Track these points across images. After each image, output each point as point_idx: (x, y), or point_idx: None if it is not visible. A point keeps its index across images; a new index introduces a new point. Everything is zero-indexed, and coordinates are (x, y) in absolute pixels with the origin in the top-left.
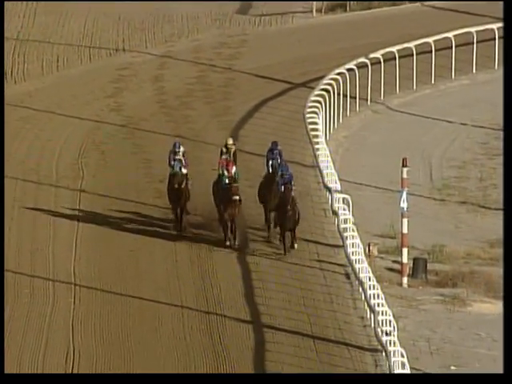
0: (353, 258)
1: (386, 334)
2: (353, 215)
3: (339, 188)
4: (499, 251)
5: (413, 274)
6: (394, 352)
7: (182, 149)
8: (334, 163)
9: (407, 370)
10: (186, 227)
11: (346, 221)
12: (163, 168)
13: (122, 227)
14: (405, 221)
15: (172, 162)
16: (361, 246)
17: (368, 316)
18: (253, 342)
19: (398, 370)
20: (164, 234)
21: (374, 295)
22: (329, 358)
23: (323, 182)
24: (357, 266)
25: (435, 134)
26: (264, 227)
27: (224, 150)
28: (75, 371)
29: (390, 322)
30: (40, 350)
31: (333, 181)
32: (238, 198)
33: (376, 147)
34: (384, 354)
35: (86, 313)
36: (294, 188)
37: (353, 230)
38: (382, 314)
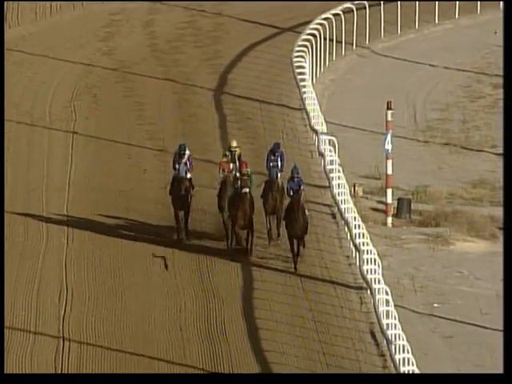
0: (339, 198)
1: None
2: (339, 157)
3: (325, 130)
4: (481, 191)
5: (397, 214)
6: (379, 290)
7: (187, 152)
8: (320, 106)
9: (391, 308)
10: (189, 235)
11: (332, 162)
12: (154, 110)
13: (114, 167)
14: (389, 162)
15: (176, 165)
16: (346, 186)
17: (353, 255)
18: (241, 280)
19: (382, 308)
20: (154, 175)
21: (359, 234)
22: (315, 295)
23: (310, 125)
24: (342, 206)
25: (419, 78)
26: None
27: (227, 153)
28: (68, 308)
29: (374, 260)
30: (34, 288)
31: (319, 123)
32: (247, 190)
33: (361, 90)
34: (369, 291)
35: (78, 252)
36: (303, 194)
37: (339, 171)
38: (367, 252)
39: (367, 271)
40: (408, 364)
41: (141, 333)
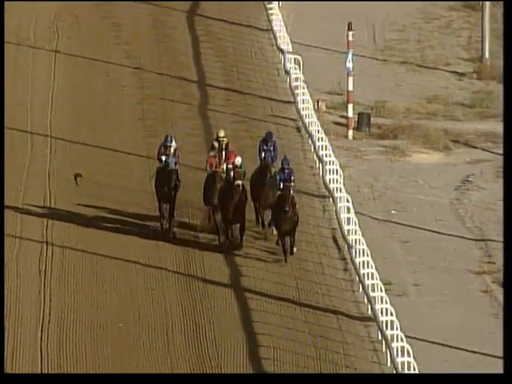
0: (303, 112)
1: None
2: (303, 74)
3: (291, 49)
4: (436, 106)
5: (357, 128)
6: (341, 198)
7: (173, 143)
8: (286, 27)
9: (352, 215)
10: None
11: (296, 79)
12: (131, 31)
13: (93, 84)
14: (350, 79)
15: (162, 157)
16: (310, 102)
17: (317, 166)
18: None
19: (343, 214)
20: (131, 91)
21: (322, 147)
22: None
23: (276, 44)
24: (307, 120)
25: (378, 1)
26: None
27: (215, 143)
28: (52, 209)
29: (336, 170)
30: (20, 192)
31: (285, 43)
32: (240, 183)
33: (324, 13)
34: (331, 199)
35: (60, 163)
36: (293, 185)
37: (303, 88)
38: (330, 163)
39: (330, 181)
40: (368, 267)
41: (120, 239)
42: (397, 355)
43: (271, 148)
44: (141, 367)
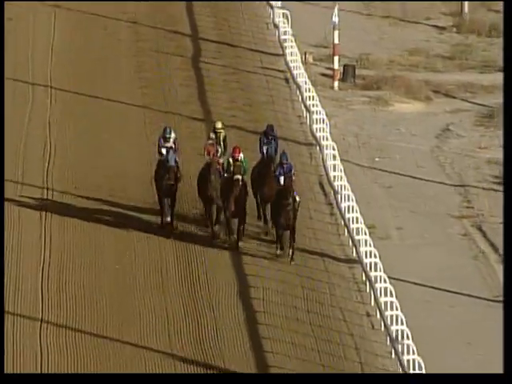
0: (291, 64)
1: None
2: (291, 28)
3: (279, 4)
4: (417, 58)
5: (343, 79)
6: (327, 146)
7: (173, 135)
8: None
9: (338, 162)
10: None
11: (285, 33)
12: None
13: (92, 38)
14: (336, 33)
15: (162, 150)
16: (298, 54)
17: (304, 115)
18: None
19: (329, 162)
20: (128, 44)
21: (309, 97)
22: None
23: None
24: (295, 71)
25: None
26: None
27: (212, 135)
28: (52, 156)
29: (323, 120)
30: (21, 143)
31: None
32: (239, 177)
33: None
34: (318, 147)
35: (61, 112)
36: (294, 178)
37: (291, 41)
38: (317, 113)
39: (316, 129)
40: (352, 211)
41: (118, 184)
42: (380, 295)
43: (272, 141)
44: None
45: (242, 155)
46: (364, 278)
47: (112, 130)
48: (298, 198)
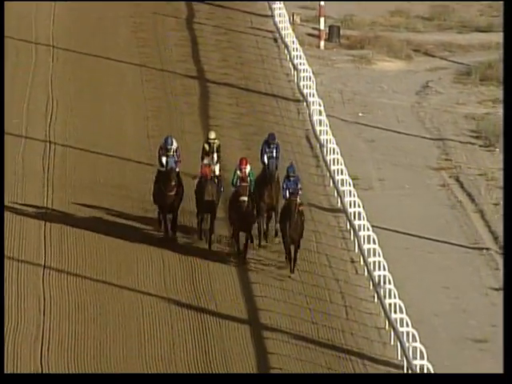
0: (280, 25)
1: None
2: None
3: None
4: (398, 19)
5: (328, 39)
6: (313, 102)
7: (174, 145)
8: None
9: (324, 117)
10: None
11: None
12: None
13: (92, 6)
14: None
15: (163, 159)
16: (286, 15)
17: (292, 73)
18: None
19: (316, 117)
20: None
21: (296, 56)
22: (263, 115)
23: None
24: (283, 32)
25: None
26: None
27: (206, 146)
28: (54, 111)
29: (309, 77)
30: (25, 100)
31: None
32: (245, 199)
33: None
34: (305, 103)
35: (62, 72)
36: (300, 193)
37: (279, 3)
38: (304, 71)
39: (303, 86)
40: (337, 164)
41: (115, 137)
42: (363, 243)
43: (273, 151)
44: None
45: (248, 167)
46: (348, 227)
47: (111, 86)
48: (303, 212)
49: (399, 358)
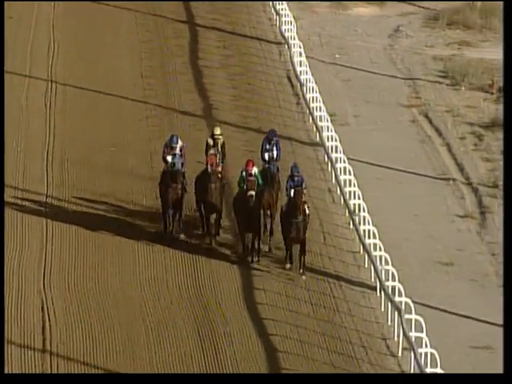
0: None
1: None
2: None
3: None
4: None
5: None
6: (294, 44)
7: (179, 143)
8: None
9: (304, 58)
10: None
11: None
12: None
13: None
14: None
15: (167, 157)
16: None
17: (274, 18)
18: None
19: (296, 58)
20: None
21: (278, 2)
22: (247, 57)
23: None
24: None
25: None
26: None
27: (210, 141)
28: (55, 57)
29: (290, 22)
30: (29, 44)
31: None
32: (253, 193)
33: None
34: (286, 46)
35: (62, 15)
36: (305, 192)
37: None
38: (285, 16)
39: (285, 30)
40: (316, 101)
41: (112, 77)
42: (340, 174)
43: (274, 148)
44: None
45: (255, 169)
46: (326, 159)
47: (107, 29)
48: (308, 211)
49: (373, 279)
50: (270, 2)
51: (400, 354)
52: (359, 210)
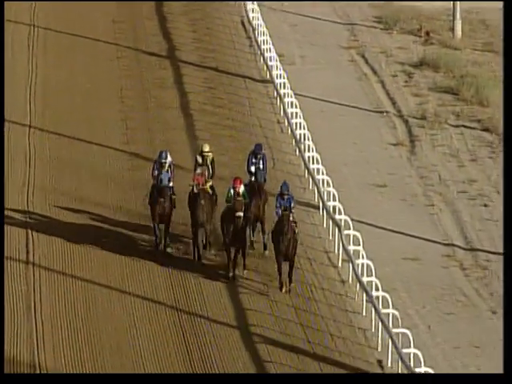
0: None
1: None
2: None
3: None
4: None
5: None
6: None
7: (169, 159)
8: None
9: (255, 6)
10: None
11: None
12: None
13: None
14: None
15: (155, 173)
16: None
17: None
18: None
19: (250, 6)
20: None
21: None
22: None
23: None
24: None
25: None
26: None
27: (199, 158)
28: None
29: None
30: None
31: None
32: (241, 214)
33: None
34: None
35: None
36: (293, 211)
37: None
38: None
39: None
40: (267, 44)
41: (88, 27)
42: (288, 107)
43: (260, 162)
44: None
45: (242, 187)
46: (275, 94)
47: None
48: (296, 230)
49: (316, 200)
50: None
51: (340, 264)
52: (304, 139)
